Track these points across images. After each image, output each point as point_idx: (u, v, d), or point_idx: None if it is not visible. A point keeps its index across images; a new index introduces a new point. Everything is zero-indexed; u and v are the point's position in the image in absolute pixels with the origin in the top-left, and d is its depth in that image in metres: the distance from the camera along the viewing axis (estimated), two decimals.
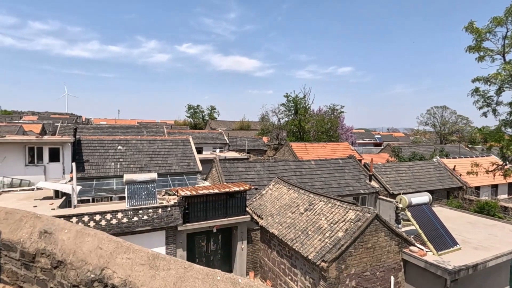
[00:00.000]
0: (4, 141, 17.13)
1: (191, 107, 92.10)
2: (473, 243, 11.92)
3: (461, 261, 10.26)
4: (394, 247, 10.88)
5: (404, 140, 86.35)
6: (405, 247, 11.07)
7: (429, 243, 11.06)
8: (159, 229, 11.91)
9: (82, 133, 29.91)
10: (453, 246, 11.23)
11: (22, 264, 1.90)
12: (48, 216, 2.08)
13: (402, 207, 11.93)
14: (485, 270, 10.63)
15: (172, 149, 22.65)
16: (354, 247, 10.07)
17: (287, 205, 14.11)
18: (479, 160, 31.49)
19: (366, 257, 10.31)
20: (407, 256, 10.88)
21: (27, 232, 1.99)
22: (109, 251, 1.65)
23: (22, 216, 2.06)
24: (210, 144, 44.55)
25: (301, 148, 35.79)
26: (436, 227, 11.74)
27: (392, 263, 10.85)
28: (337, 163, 23.03)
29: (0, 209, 2.12)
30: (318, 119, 46.20)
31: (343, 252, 9.83)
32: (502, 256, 10.73)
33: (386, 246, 10.71)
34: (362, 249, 10.23)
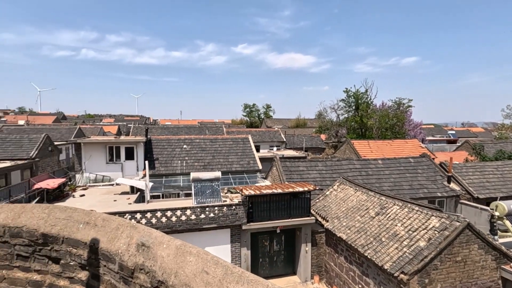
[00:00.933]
0: (90, 141, 19.28)
1: (247, 106, 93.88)
2: None
3: None
4: (490, 262, 9.27)
5: (484, 135, 75.64)
6: (505, 263, 9.36)
7: None
8: (224, 227, 12.07)
9: (151, 133, 32.43)
10: None
11: (120, 278, 1.76)
12: (144, 227, 1.92)
13: (499, 215, 10.13)
14: None
15: (233, 148, 23.08)
16: (440, 259, 8.82)
17: (355, 208, 13.15)
18: None
19: (455, 272, 8.96)
20: (507, 274, 9.17)
21: (124, 243, 1.85)
22: (218, 277, 1.37)
23: (119, 225, 1.94)
24: (267, 142, 44.68)
25: (364, 146, 33.59)
26: None
27: (487, 281, 9.26)
28: (407, 163, 20.93)
29: (97, 215, 2.03)
30: (381, 114, 42.92)
31: (427, 265, 8.67)
32: None
33: (480, 261, 9.17)
34: (450, 262, 8.91)
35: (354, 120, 44.15)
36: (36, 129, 35.88)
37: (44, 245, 2.09)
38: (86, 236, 2.00)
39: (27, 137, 24.96)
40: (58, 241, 2.06)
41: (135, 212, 11.16)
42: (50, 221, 2.14)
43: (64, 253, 2.04)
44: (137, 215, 11.15)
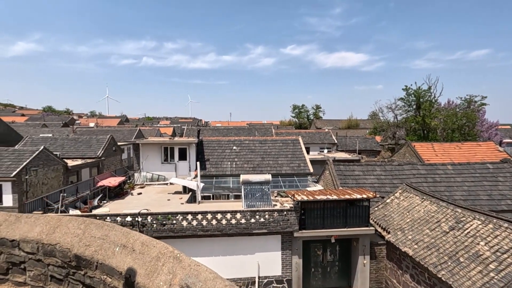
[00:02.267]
0: (147, 142, 20.31)
1: (296, 107, 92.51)
2: None
3: None
4: None
5: None
6: None
7: None
8: (274, 233, 11.51)
9: (202, 134, 33.41)
10: None
11: None
12: (190, 261, 1.46)
13: None
14: None
15: (282, 150, 22.48)
16: None
17: (423, 220, 11.57)
18: None
19: None
20: None
21: (165, 281, 1.41)
22: None
23: (160, 253, 1.50)
24: (317, 144, 43.14)
25: (428, 149, 30.36)
26: None
27: None
28: (484, 169, 18.15)
29: (135, 237, 1.62)
30: (448, 114, 38.50)
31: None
32: None
33: None
34: None
35: (415, 121, 40.30)
36: (103, 131, 39.50)
37: (77, 269, 1.76)
38: (122, 263, 1.60)
39: (95, 138, 27.43)
40: (92, 266, 1.70)
41: (186, 213, 11.20)
42: (85, 240, 1.79)
43: (98, 282, 1.69)
44: (189, 216, 11.16)
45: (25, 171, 15.46)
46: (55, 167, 18.99)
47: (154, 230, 10.86)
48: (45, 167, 17.67)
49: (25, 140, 25.12)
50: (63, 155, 22.93)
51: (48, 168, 18.02)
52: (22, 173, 15.40)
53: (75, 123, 54.86)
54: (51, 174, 18.50)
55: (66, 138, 27.68)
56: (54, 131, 39.20)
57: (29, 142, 24.78)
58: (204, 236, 11.20)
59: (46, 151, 17.85)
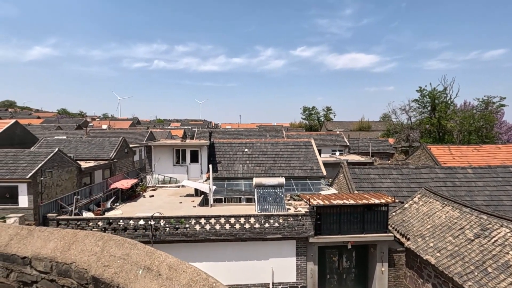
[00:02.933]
0: (159, 144, 20.31)
1: (307, 109, 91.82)
2: None
3: None
4: None
5: None
6: None
7: None
8: (289, 238, 11.21)
9: (213, 136, 33.37)
10: None
11: None
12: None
13: None
14: None
15: (295, 152, 22.14)
16: None
17: (445, 226, 11.07)
18: None
19: None
20: None
21: None
22: None
23: (191, 281, 1.28)
24: (329, 146, 42.52)
25: (444, 151, 29.47)
26: None
27: None
28: (507, 172, 17.38)
29: (161, 259, 1.41)
30: (464, 115, 37.37)
31: None
32: None
33: None
34: None
35: (430, 123, 39.31)
36: (115, 133, 39.96)
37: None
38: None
39: (107, 140, 27.65)
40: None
41: (199, 217, 11.02)
42: (104, 259, 1.58)
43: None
44: (202, 220, 10.98)
45: (40, 172, 15.63)
46: (69, 168, 19.19)
47: (167, 234, 10.71)
48: (60, 168, 17.86)
49: (40, 142, 25.53)
50: (77, 157, 23.17)
51: (62, 170, 18.21)
52: (37, 174, 15.58)
53: (88, 125, 55.83)
54: (65, 176, 18.69)
55: (79, 140, 28.04)
56: (68, 133, 39.88)
57: (44, 144, 25.18)
58: (217, 240, 10.99)
59: (60, 153, 18.06)
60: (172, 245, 10.97)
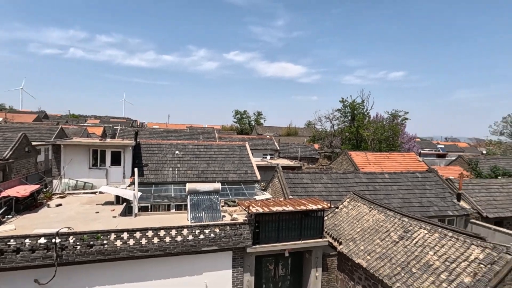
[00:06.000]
0: (71, 143, 17.23)
1: (238, 112, 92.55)
2: None
3: None
4: None
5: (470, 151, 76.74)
6: None
7: None
8: (226, 249, 10.36)
9: (139, 136, 30.36)
10: None
11: None
12: None
13: None
14: None
15: (229, 156, 21.44)
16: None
17: (373, 229, 11.72)
18: None
19: None
20: None
21: None
22: None
23: None
24: (260, 150, 43.15)
25: (362, 157, 32.59)
26: None
27: None
28: (415, 178, 19.84)
29: None
30: (377, 126, 42.30)
31: None
32: None
33: None
34: None
35: (350, 131, 43.34)
36: (13, 128, 33.08)
37: None
38: None
39: (1, 136, 22.52)
40: None
41: (121, 231, 9.33)
42: None
43: None
44: (124, 234, 9.32)
45: None
46: None
47: (77, 253, 8.75)
48: None
49: None
50: None
51: None
52: None
53: None
54: None
55: None
56: None
57: None
58: (143, 257, 9.47)
59: None
60: (84, 266, 9.03)
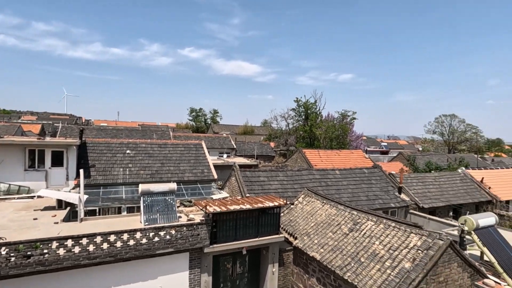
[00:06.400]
0: (3, 142, 15.28)
1: (194, 110, 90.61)
2: None
3: None
4: (466, 280, 9.12)
5: (408, 148, 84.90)
6: (477, 279, 9.32)
7: (506, 275, 9.32)
8: (182, 251, 10.08)
9: (85, 134, 28.05)
10: None
11: None
12: None
13: (468, 230, 10.20)
14: None
15: (184, 155, 20.88)
16: (426, 281, 8.30)
17: (325, 223, 12.33)
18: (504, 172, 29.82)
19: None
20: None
21: None
22: None
23: None
24: (216, 149, 42.75)
25: (315, 155, 34.08)
26: (509, 254, 10.00)
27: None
28: (362, 173, 21.31)
29: None
30: (328, 125, 44.58)
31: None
32: None
33: (459, 279, 8.95)
34: (434, 284, 8.47)
35: (304, 130, 45.01)
36: None
37: None
38: None
39: None
40: None
41: (65, 238, 8.54)
42: None
43: None
44: (68, 241, 8.54)
45: None
46: None
47: (12, 265, 7.81)
48: None
49: None
50: None
51: None
52: None
53: None
54: None
55: None
56: None
57: None
58: (90, 265, 8.79)
59: None
60: (21, 279, 8.10)
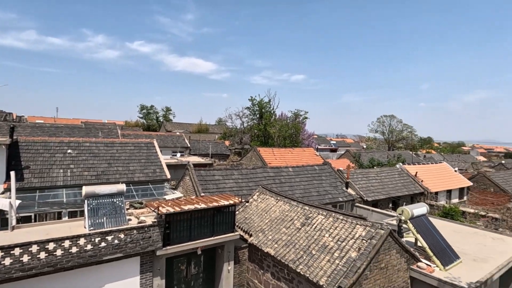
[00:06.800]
0: None
1: (144, 107, 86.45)
2: (469, 254, 11.76)
3: (470, 276, 9.84)
4: (403, 264, 10.10)
5: (354, 146, 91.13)
6: (412, 263, 10.39)
7: (435, 258, 10.54)
8: (133, 255, 9.57)
9: (17, 132, 25.03)
10: (455, 260, 10.87)
11: None
12: None
13: (405, 219, 11.31)
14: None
15: (135, 154, 19.81)
16: (370, 268, 9.02)
17: (279, 219, 12.68)
18: (433, 167, 33.62)
19: (380, 278, 9.34)
20: (415, 273, 10.18)
21: None
22: None
23: None
24: (169, 147, 41.30)
25: (269, 153, 34.79)
26: (437, 239, 11.32)
27: (401, 282, 10.05)
28: (313, 170, 22.33)
29: None
30: (282, 124, 45.82)
31: (360, 276, 8.70)
32: (503, 268, 10.62)
33: (397, 265, 9.89)
34: (377, 270, 9.23)
35: (258, 128, 45.64)
36: None
37: None
38: None
39: None
40: None
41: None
42: None
43: None
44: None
45: None
46: None
47: None
48: None
49: None
50: None
51: None
52: None
53: None
54: None
55: None
56: None
57: None
58: (24, 277, 7.90)
59: None
60: None
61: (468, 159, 69.62)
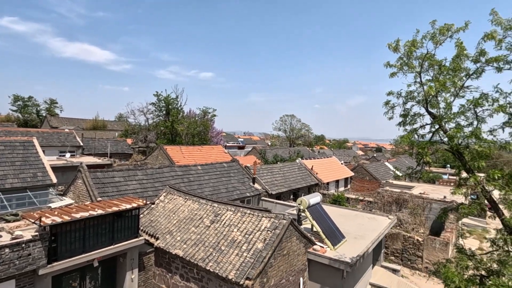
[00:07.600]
0: None
1: (20, 98, 71.26)
2: (351, 233, 13.95)
3: (352, 251, 11.68)
4: (302, 249, 11.25)
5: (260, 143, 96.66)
6: (309, 247, 11.67)
7: (327, 240, 12.10)
8: (4, 279, 7.79)
9: None
10: (342, 239, 12.72)
11: None
12: None
13: (303, 208, 12.60)
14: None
15: (6, 155, 16.20)
16: (274, 256, 9.71)
17: (188, 219, 12.38)
18: (325, 161, 38.49)
19: (283, 264, 10.16)
20: (312, 255, 11.47)
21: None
22: None
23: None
24: (56, 146, 35.25)
25: (177, 151, 33.61)
26: (328, 224, 13.02)
27: (301, 265, 11.18)
28: (222, 167, 22.63)
29: None
30: (190, 121, 44.77)
31: (266, 265, 9.27)
32: (375, 242, 12.99)
33: (297, 250, 10.94)
34: (280, 257, 10.01)
35: (165, 125, 43.37)
36: None
37: None
38: None
39: None
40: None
41: None
42: None
43: None
44: None
45: None
46: None
47: None
48: None
49: None
50: None
51: None
52: None
53: None
54: None
55: None
56: None
57: None
58: None
59: None
60: None
61: (351, 153, 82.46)
